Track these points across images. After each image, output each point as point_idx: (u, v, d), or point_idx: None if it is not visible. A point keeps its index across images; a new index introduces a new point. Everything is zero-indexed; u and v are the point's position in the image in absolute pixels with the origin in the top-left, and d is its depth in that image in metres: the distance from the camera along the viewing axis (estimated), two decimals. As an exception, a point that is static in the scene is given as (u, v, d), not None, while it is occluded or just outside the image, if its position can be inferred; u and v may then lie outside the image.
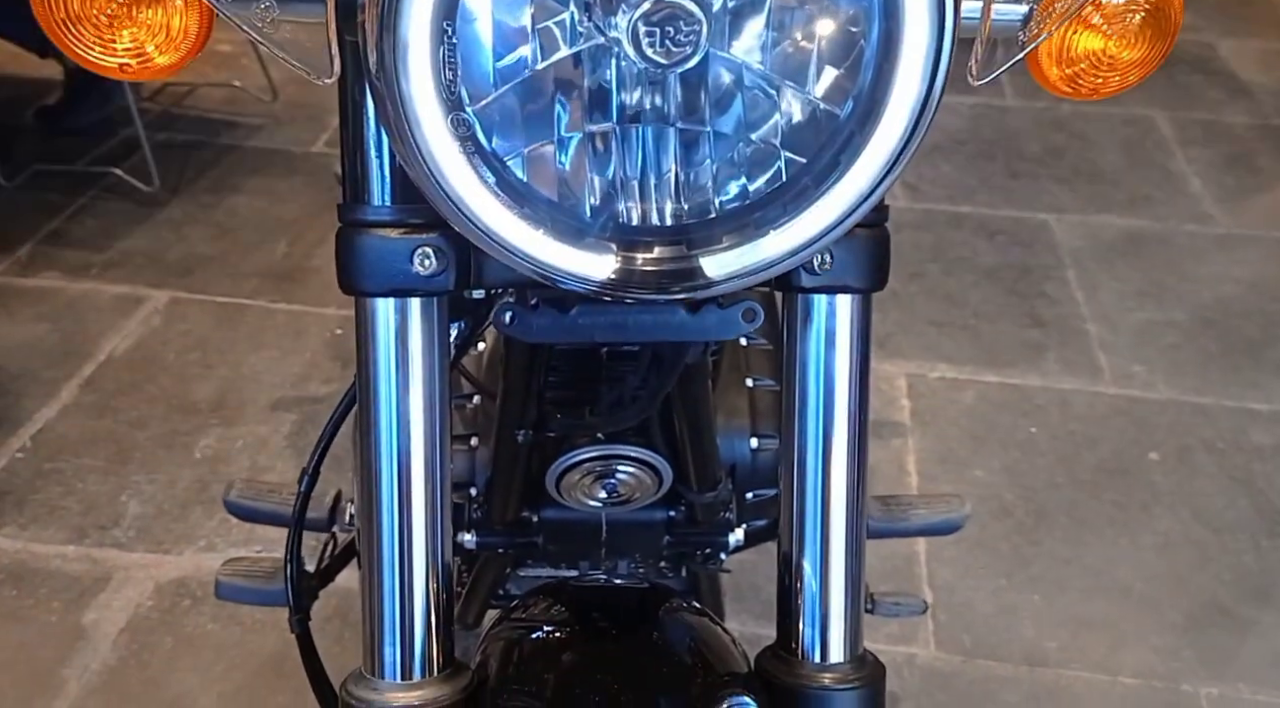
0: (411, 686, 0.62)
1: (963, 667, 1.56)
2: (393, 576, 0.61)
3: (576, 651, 0.64)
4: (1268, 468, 1.90)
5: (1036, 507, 1.83)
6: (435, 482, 0.62)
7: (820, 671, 0.64)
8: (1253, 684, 1.53)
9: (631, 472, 0.92)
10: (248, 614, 1.58)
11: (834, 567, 0.64)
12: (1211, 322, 2.26)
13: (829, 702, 0.63)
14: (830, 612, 0.64)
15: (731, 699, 0.60)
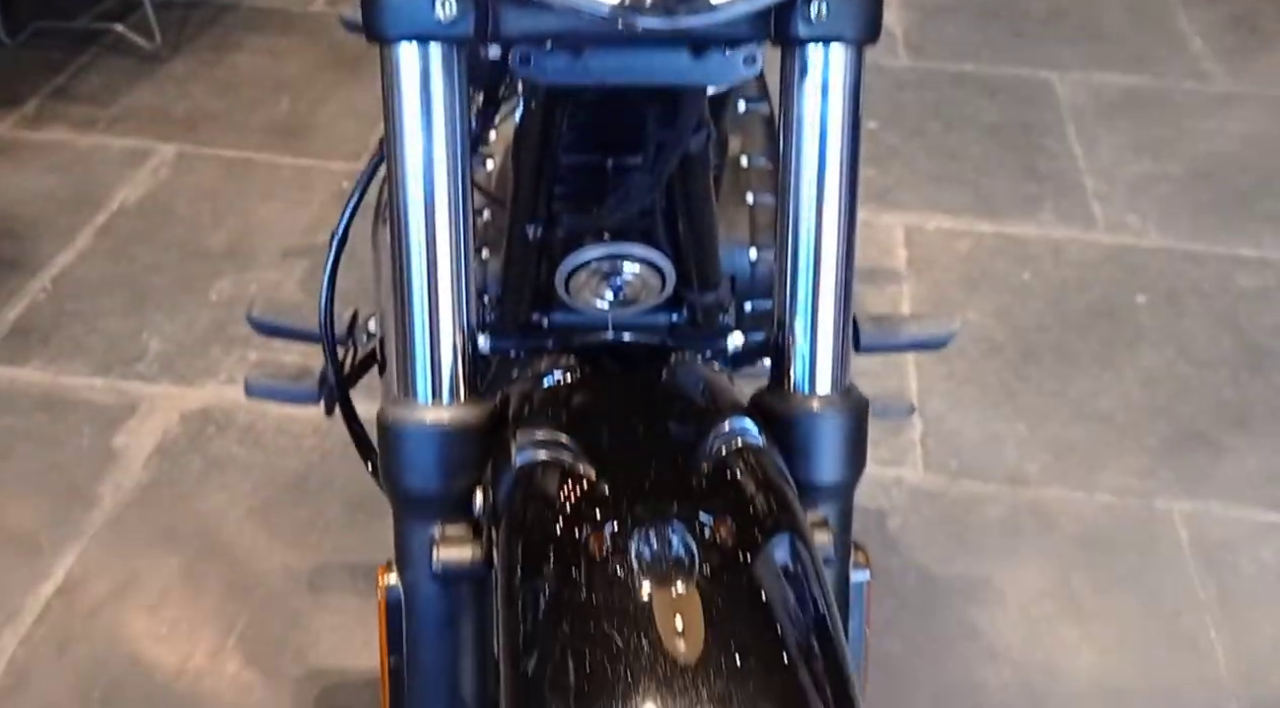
0: (441, 406, 0.68)
1: (948, 487, 1.64)
2: (422, 301, 0.67)
3: (590, 388, 0.70)
4: (1252, 309, 1.96)
5: (1025, 345, 1.89)
6: (459, 221, 0.66)
7: (810, 399, 0.70)
8: (1224, 502, 1.61)
9: (636, 272, 0.97)
10: (271, 440, 1.66)
11: (824, 306, 0.70)
12: (1206, 174, 2.29)
13: (817, 425, 0.69)
14: (819, 348, 0.70)
15: (733, 421, 0.67)
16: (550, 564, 0.58)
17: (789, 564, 0.59)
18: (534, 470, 0.62)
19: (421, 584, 0.68)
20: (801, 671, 0.55)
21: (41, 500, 1.55)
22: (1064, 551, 1.54)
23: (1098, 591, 1.49)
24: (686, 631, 0.55)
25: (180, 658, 1.37)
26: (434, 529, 0.67)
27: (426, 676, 0.69)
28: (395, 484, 0.68)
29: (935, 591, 1.49)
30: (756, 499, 0.61)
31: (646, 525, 0.58)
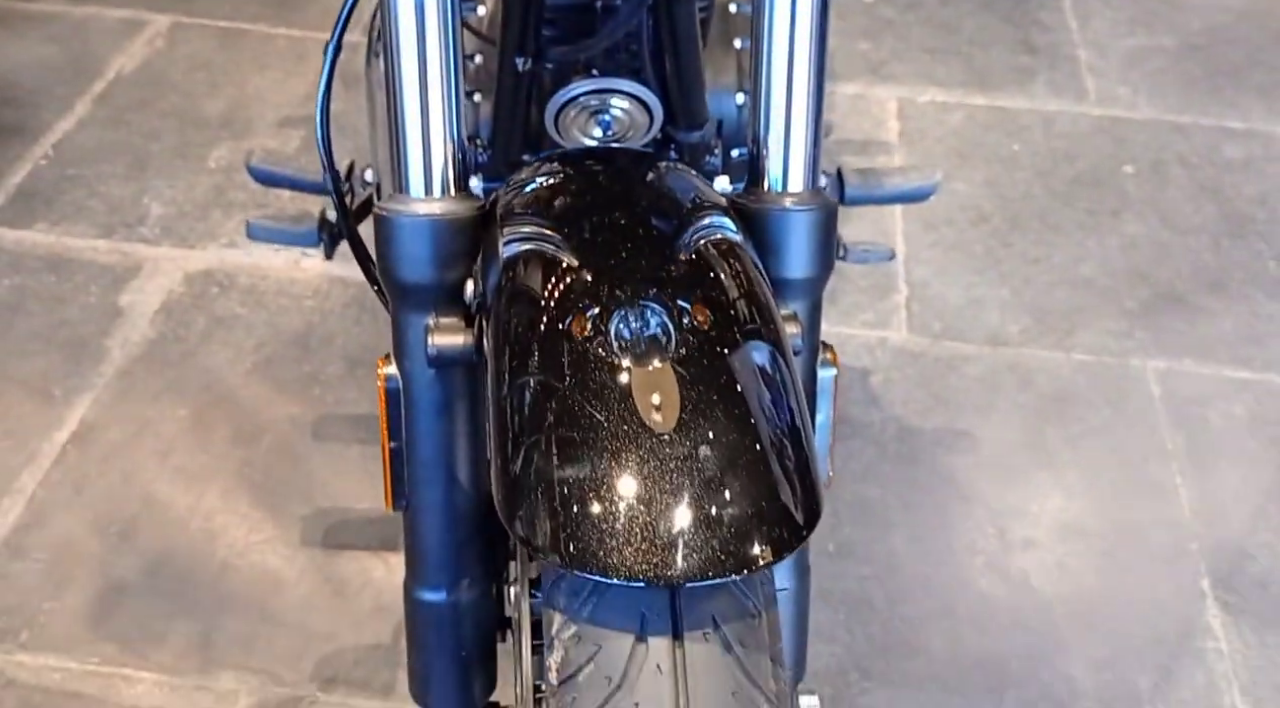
0: (434, 200, 0.72)
1: (930, 347, 1.69)
2: (414, 97, 0.70)
3: (576, 187, 0.74)
4: (1236, 179, 1.98)
5: (1012, 214, 1.92)
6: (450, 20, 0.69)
7: (783, 196, 0.74)
8: (1198, 360, 1.67)
9: (624, 107, 0.99)
10: (272, 300, 1.71)
11: (797, 107, 0.73)
12: (1199, 48, 2.29)
13: (790, 221, 0.73)
14: (792, 148, 0.74)
15: (712, 218, 0.71)
16: (534, 346, 0.63)
17: (760, 349, 0.64)
18: (520, 260, 0.67)
19: (417, 372, 0.73)
20: (768, 445, 0.60)
21: (53, 354, 1.61)
22: (1039, 406, 1.60)
23: (1069, 442, 1.55)
24: (663, 404, 0.59)
25: (193, 498, 1.44)
26: (429, 319, 0.72)
27: (424, 458, 0.75)
28: (391, 276, 0.72)
29: (914, 442, 1.55)
30: (731, 288, 0.65)
31: (626, 308, 0.62)
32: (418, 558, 0.78)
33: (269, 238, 1.20)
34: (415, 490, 0.76)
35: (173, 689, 1.25)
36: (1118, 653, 1.31)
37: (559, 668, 0.57)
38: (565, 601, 0.58)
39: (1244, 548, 1.42)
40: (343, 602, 1.34)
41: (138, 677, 1.25)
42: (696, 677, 0.56)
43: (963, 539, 1.43)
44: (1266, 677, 1.29)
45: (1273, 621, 1.35)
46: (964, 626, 1.34)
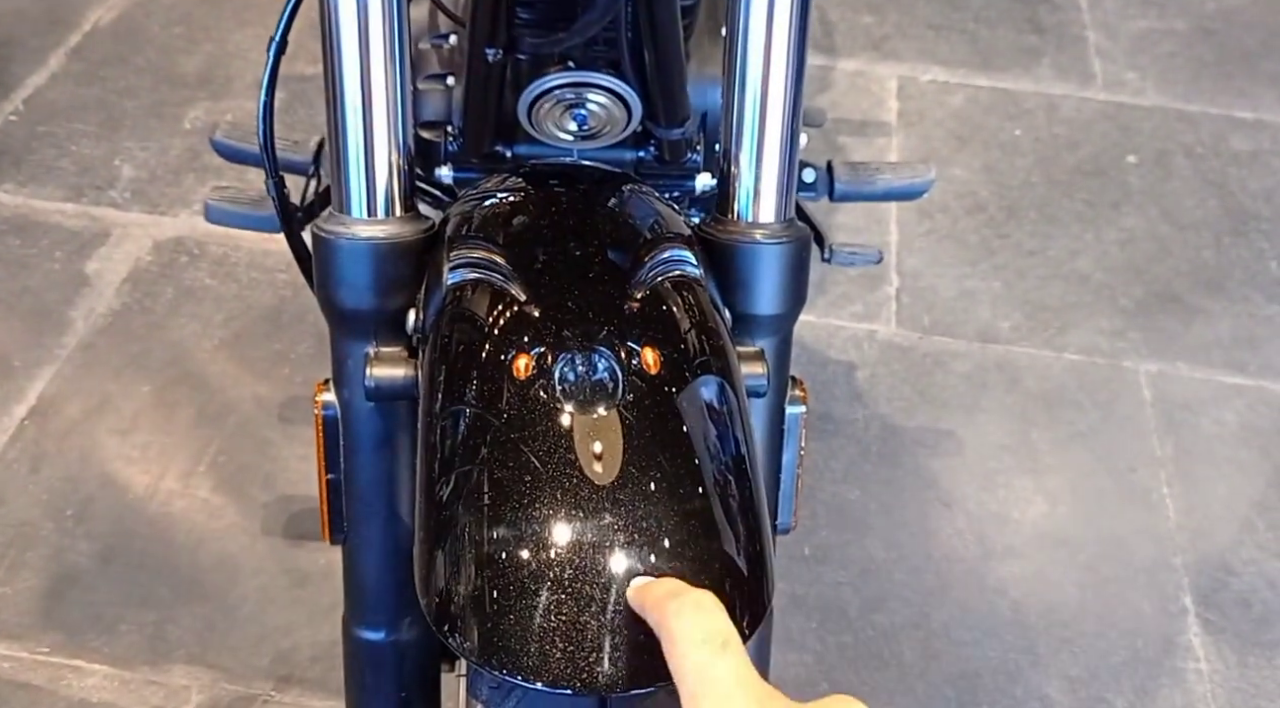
0: (376, 222, 0.67)
1: (919, 342, 1.65)
2: (356, 112, 0.65)
3: (533, 208, 0.69)
4: (1242, 173, 1.93)
5: (1009, 203, 1.87)
6: (394, 31, 0.64)
7: (752, 228, 0.69)
8: (1191, 364, 1.62)
9: (601, 102, 0.94)
10: (244, 272, 1.66)
11: (770, 136, 0.68)
12: (1212, 32, 2.22)
13: (759, 255, 0.68)
14: (763, 179, 0.69)
15: (672, 251, 0.66)
16: (472, 385, 0.58)
17: (713, 398, 0.59)
18: (464, 290, 0.62)
19: (356, 403, 0.69)
20: (714, 501, 0.55)
21: (14, 323, 1.56)
22: (1026, 407, 1.56)
23: (1056, 446, 1.51)
24: (604, 454, 0.55)
25: (152, 480, 1.40)
26: (369, 348, 0.67)
27: (363, 492, 0.71)
28: (330, 302, 0.68)
29: (896, 441, 1.51)
30: (687, 331, 0.61)
31: (572, 350, 0.58)
32: (356, 595, 0.74)
33: (226, 220, 1.15)
34: (354, 525, 0.72)
35: (123, 683, 1.21)
36: (1094, 671, 1.29)
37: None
38: (488, 693, 0.54)
39: (1228, 564, 1.39)
40: (302, 594, 1.30)
41: (88, 669, 1.22)
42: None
43: (942, 546, 1.40)
44: (1246, 699, 1.27)
45: (1255, 641, 1.32)
46: (938, 638, 1.31)
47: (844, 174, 1.29)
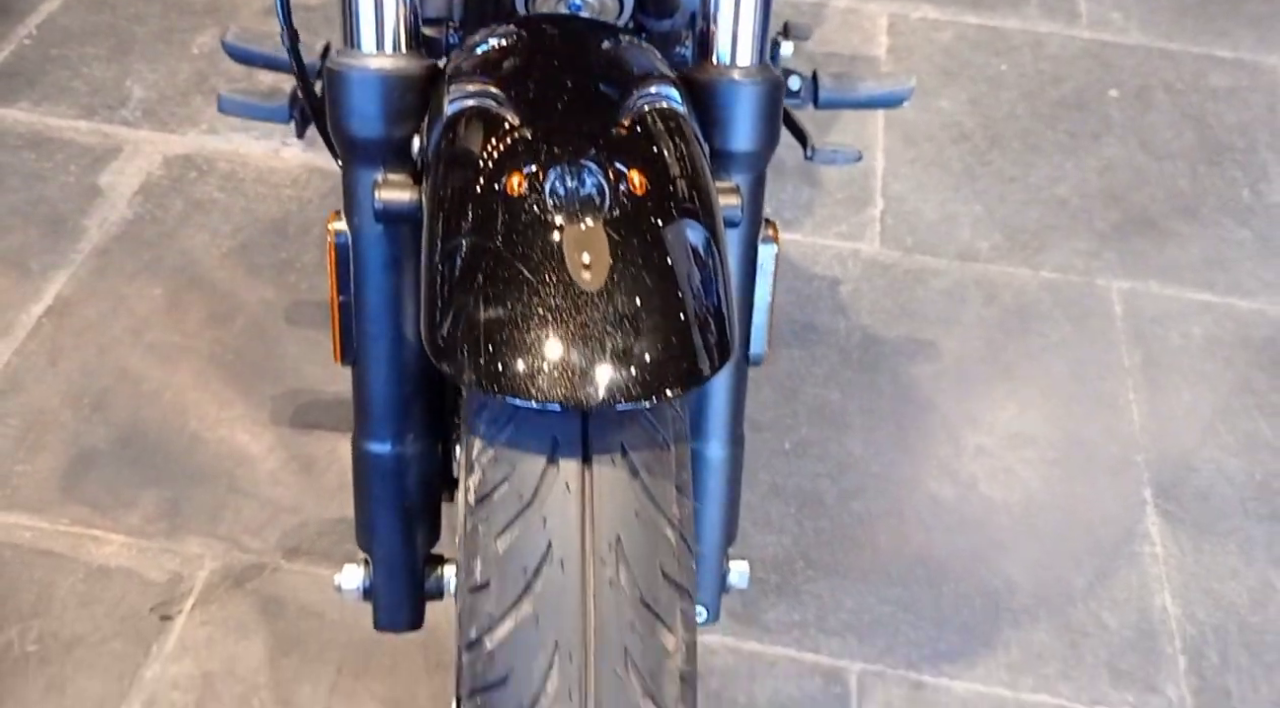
0: (384, 55, 0.73)
1: (901, 260, 1.71)
2: None
3: (528, 49, 0.75)
4: (1219, 107, 1.99)
5: (993, 133, 1.93)
6: None
7: (730, 69, 0.75)
8: (1162, 282, 1.69)
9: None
10: (251, 187, 1.72)
11: None
12: (1196, -26, 2.27)
13: (736, 93, 0.74)
14: (741, 22, 0.75)
15: (658, 87, 0.72)
16: (469, 200, 0.65)
17: (691, 214, 0.66)
18: (462, 117, 0.68)
19: (365, 227, 0.75)
20: (687, 294, 0.62)
21: (31, 230, 1.62)
22: (1002, 320, 1.63)
23: (1028, 356, 1.58)
24: (592, 264, 0.61)
25: (165, 374, 1.47)
26: (377, 175, 0.74)
27: (371, 313, 0.77)
28: (341, 131, 0.74)
29: (877, 350, 1.58)
30: (669, 155, 0.67)
31: (563, 166, 0.64)
32: (365, 411, 0.81)
33: (240, 112, 1.20)
34: (363, 344, 0.78)
35: (140, 551, 1.29)
36: (1056, 555, 1.36)
37: (476, 489, 0.60)
38: (485, 427, 0.61)
39: (1189, 462, 1.46)
40: (309, 478, 1.37)
41: (107, 538, 1.30)
42: (602, 497, 0.59)
43: (917, 444, 1.47)
44: (1199, 581, 1.34)
45: (1210, 530, 1.39)
46: (910, 525, 1.38)
47: (828, 82, 1.35)
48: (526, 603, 0.57)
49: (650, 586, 0.59)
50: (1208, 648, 1.28)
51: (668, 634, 0.59)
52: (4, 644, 1.20)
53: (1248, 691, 1.25)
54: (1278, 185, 1.86)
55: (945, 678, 1.24)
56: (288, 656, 1.21)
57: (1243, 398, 1.54)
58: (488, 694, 0.57)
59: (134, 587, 1.26)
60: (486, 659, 0.57)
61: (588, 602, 0.57)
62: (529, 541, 0.58)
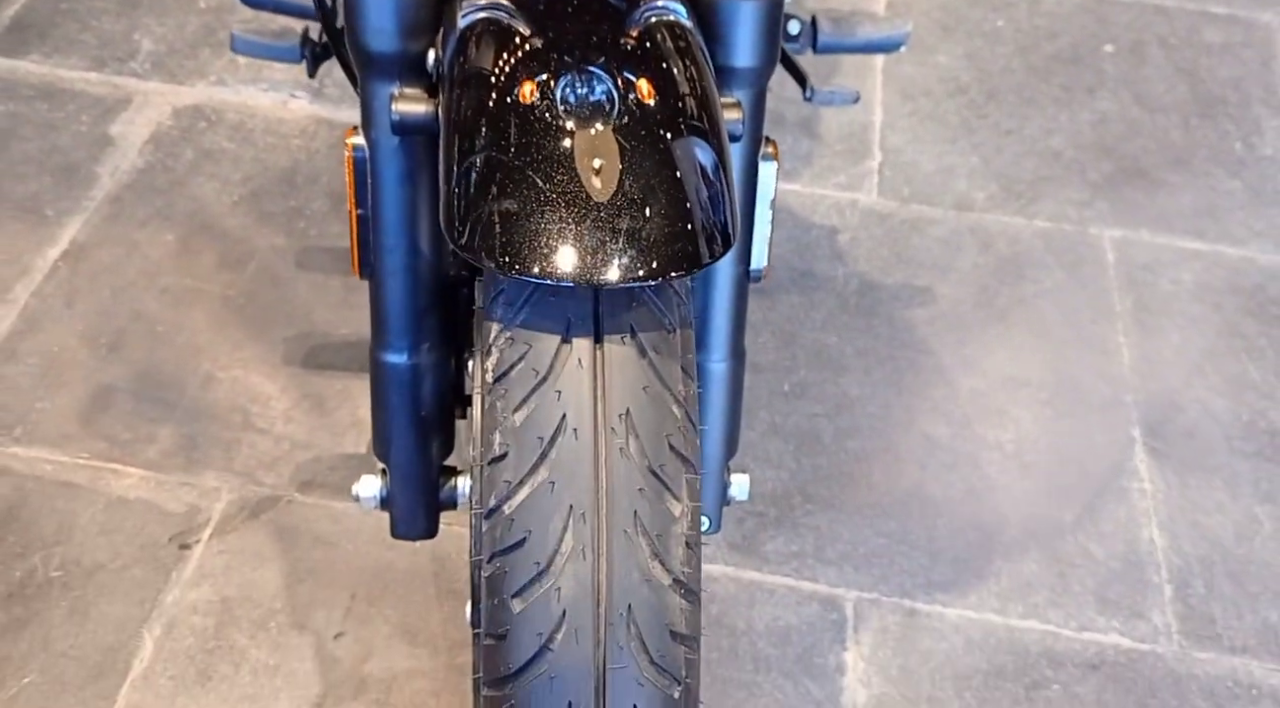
0: None
1: (898, 209, 1.74)
2: None
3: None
4: (1212, 62, 2.01)
5: (990, 87, 1.95)
6: None
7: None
8: (1153, 230, 1.72)
9: None
10: (260, 137, 1.75)
11: None
12: (1192, -68, 2.29)
13: (736, 9, 0.77)
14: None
15: (665, 1, 0.74)
16: (483, 108, 0.68)
17: (698, 123, 0.69)
18: (475, 29, 0.72)
19: (383, 140, 0.79)
20: (691, 190, 0.66)
21: (45, 177, 1.65)
22: (997, 267, 1.66)
23: (1022, 301, 1.62)
24: (602, 169, 0.65)
25: (179, 316, 1.50)
26: (393, 88, 0.77)
27: (388, 225, 0.81)
28: (359, 46, 0.77)
29: (874, 296, 1.62)
30: (676, 64, 0.70)
31: (573, 73, 0.67)
32: (381, 322, 0.85)
33: (253, 51, 1.23)
34: (380, 257, 0.82)
35: (158, 484, 1.33)
36: (1046, 491, 1.40)
37: (494, 368, 0.64)
38: (501, 310, 0.65)
39: (1177, 402, 1.50)
40: (322, 416, 1.41)
41: (125, 471, 1.34)
42: (612, 372, 0.63)
43: (912, 385, 1.51)
44: (1184, 514, 1.38)
45: (1196, 466, 1.43)
46: (905, 462, 1.42)
47: (827, 26, 1.37)
48: (543, 470, 0.61)
49: (658, 455, 0.63)
50: (1193, 578, 1.32)
51: (674, 501, 0.63)
52: (27, 571, 1.24)
53: (1232, 618, 1.29)
54: (1269, 138, 1.89)
55: (938, 605, 1.29)
56: (303, 583, 1.26)
57: (1230, 341, 1.58)
58: (506, 556, 0.61)
59: (153, 517, 1.30)
60: (505, 524, 0.61)
61: (599, 468, 0.61)
62: (544, 412, 0.62)
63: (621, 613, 0.60)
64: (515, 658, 0.60)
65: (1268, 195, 1.80)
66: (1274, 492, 1.41)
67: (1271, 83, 1.99)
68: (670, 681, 0.61)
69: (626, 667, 0.60)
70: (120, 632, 1.20)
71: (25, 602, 1.22)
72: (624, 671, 0.60)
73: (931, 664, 1.24)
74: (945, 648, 1.25)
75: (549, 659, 0.59)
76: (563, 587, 0.60)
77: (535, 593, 0.59)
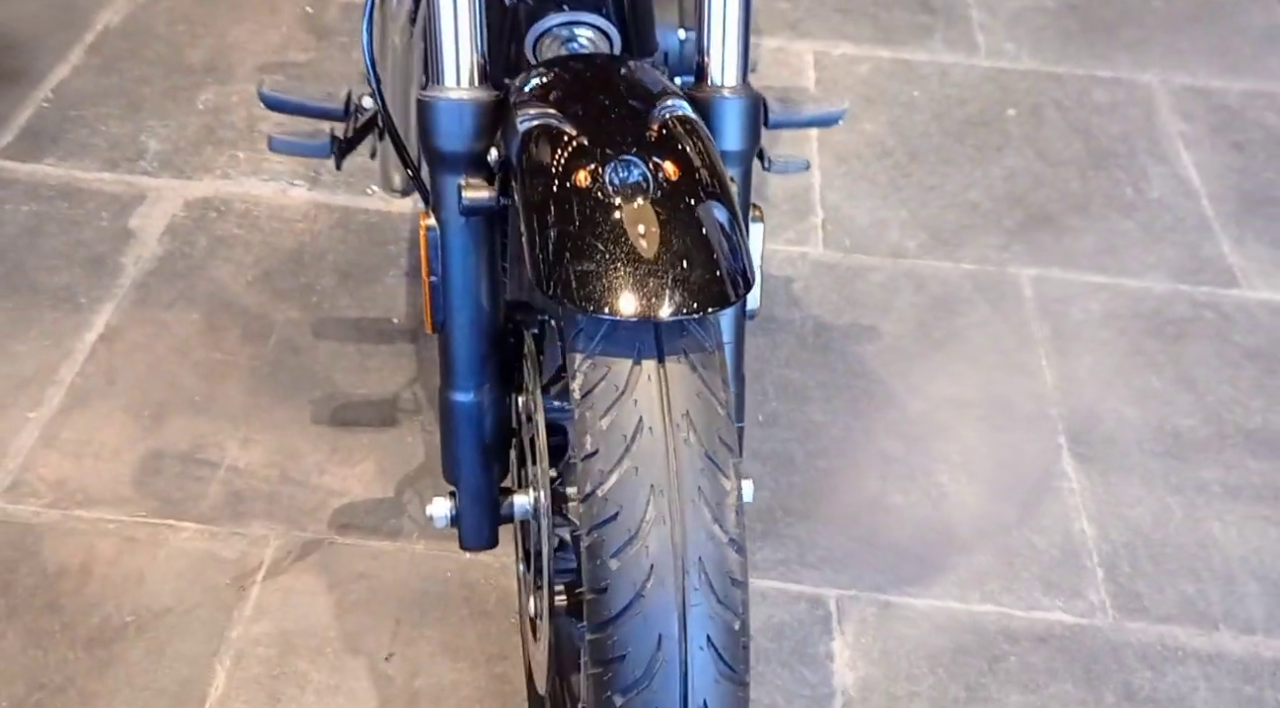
0: (463, 89, 0.97)
1: (842, 259, 1.98)
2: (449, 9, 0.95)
3: (572, 79, 0.98)
4: (1103, 120, 2.30)
5: (911, 149, 2.21)
6: None
7: (722, 88, 1.00)
8: (1064, 268, 1.98)
9: (589, 36, 1.25)
10: (266, 223, 1.93)
11: (730, 24, 0.99)
12: (1076, 7, 2.61)
13: (729, 105, 0.99)
14: (728, 53, 1.00)
15: (674, 101, 0.95)
16: (553, 194, 0.88)
17: (714, 191, 0.89)
18: (534, 132, 0.92)
19: (451, 221, 0.98)
20: (716, 243, 0.86)
21: (75, 270, 1.81)
22: (931, 305, 1.90)
23: (955, 334, 1.85)
24: (648, 233, 0.85)
25: (211, 387, 1.66)
26: (460, 180, 0.97)
27: (457, 288, 1.00)
28: (432, 147, 0.97)
29: (828, 335, 1.84)
30: (691, 148, 0.91)
31: (615, 162, 0.88)
32: (451, 368, 1.04)
33: (288, 149, 1.42)
34: (450, 314, 1.01)
35: (212, 535, 1.48)
36: (990, 494, 1.62)
37: (580, 388, 0.83)
38: (582, 344, 0.84)
39: (1095, 412, 1.74)
40: (351, 467, 1.58)
41: (181, 526, 1.49)
42: (674, 384, 0.83)
43: (867, 410, 1.72)
44: (1109, 508, 1.61)
45: (1116, 467, 1.66)
46: (868, 476, 1.63)
47: (776, 105, 1.61)
48: (627, 460, 0.80)
49: (711, 444, 0.82)
50: (1120, 561, 1.54)
51: (725, 479, 0.83)
52: (104, 618, 1.39)
53: (1155, 593, 1.51)
54: (1155, 183, 2.17)
55: (908, 597, 1.49)
56: (351, 613, 1.42)
57: (1135, 359, 1.83)
58: (603, 528, 0.79)
59: (211, 564, 1.45)
60: (600, 503, 0.80)
61: (669, 455, 0.81)
62: (625, 417, 0.81)
63: (695, 564, 0.79)
64: (615, 604, 0.78)
65: (1157, 232, 2.07)
66: (1182, 484, 1.65)
67: (1154, 135, 2.28)
68: (732, 615, 0.81)
69: (700, 605, 0.79)
70: (194, 665, 1.35)
71: (106, 645, 1.36)
72: (698, 608, 0.79)
73: (907, 647, 1.43)
74: (917, 633, 1.45)
75: (641, 604, 0.78)
76: (650, 546, 0.79)
77: (628, 553, 0.78)
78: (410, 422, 1.64)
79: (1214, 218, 2.10)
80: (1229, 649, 1.45)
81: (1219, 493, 1.64)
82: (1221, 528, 1.59)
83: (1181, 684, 1.41)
